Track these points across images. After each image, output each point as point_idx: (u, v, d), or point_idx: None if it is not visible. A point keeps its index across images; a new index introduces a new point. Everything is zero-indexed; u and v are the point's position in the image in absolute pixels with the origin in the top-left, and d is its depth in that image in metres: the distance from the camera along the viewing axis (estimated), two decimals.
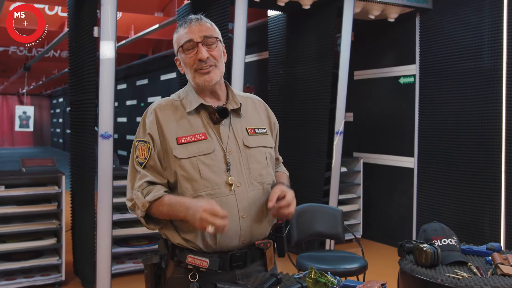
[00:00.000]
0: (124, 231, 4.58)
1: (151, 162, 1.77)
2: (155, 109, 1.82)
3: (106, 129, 3.88)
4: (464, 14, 4.86)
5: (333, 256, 3.24)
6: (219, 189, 1.74)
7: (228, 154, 1.78)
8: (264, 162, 1.86)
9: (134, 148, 1.82)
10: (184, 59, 1.80)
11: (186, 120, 1.80)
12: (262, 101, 2.02)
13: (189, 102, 1.82)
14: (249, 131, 1.86)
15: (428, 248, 1.93)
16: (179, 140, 1.76)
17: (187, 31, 1.79)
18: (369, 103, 6.00)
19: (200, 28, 1.79)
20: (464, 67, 4.86)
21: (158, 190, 1.74)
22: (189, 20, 1.82)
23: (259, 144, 1.86)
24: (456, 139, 4.95)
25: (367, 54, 5.86)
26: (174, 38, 1.85)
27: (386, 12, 5.18)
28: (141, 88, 9.97)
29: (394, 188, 5.71)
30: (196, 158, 1.74)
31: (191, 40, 1.77)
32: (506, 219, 4.52)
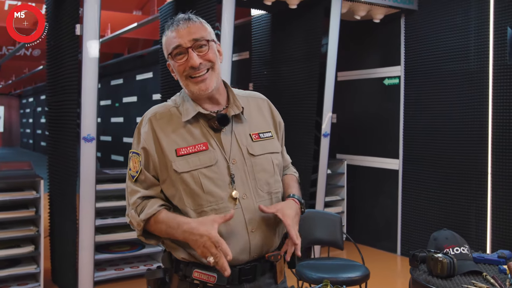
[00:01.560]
0: (106, 237, 4.41)
1: (141, 176, 1.64)
2: (151, 118, 1.66)
3: (89, 131, 3.72)
4: (450, 15, 4.85)
5: (334, 265, 3.15)
6: (224, 203, 1.60)
7: (232, 164, 1.64)
8: (271, 170, 1.72)
9: (128, 160, 1.69)
10: (174, 66, 1.65)
11: (184, 130, 1.65)
12: (266, 99, 1.87)
13: (186, 110, 1.67)
14: (253, 136, 1.72)
15: (444, 258, 1.85)
16: (178, 152, 1.61)
17: (175, 35, 1.63)
18: (353, 104, 5.96)
19: (188, 31, 1.63)
20: (450, 69, 4.85)
21: (151, 206, 1.61)
22: (176, 22, 1.65)
23: (265, 150, 1.72)
24: (441, 140, 4.94)
25: (351, 55, 5.81)
26: (163, 41, 1.70)
27: (371, 13, 5.14)
28: (115, 88, 9.73)
29: (378, 190, 5.67)
30: (198, 171, 1.59)
31: (179, 45, 1.62)
32: (492, 221, 4.52)
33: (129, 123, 9.01)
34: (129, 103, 9.09)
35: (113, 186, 4.43)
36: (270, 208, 1.62)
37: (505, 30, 4.39)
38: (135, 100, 8.89)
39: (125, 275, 4.46)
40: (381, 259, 5.28)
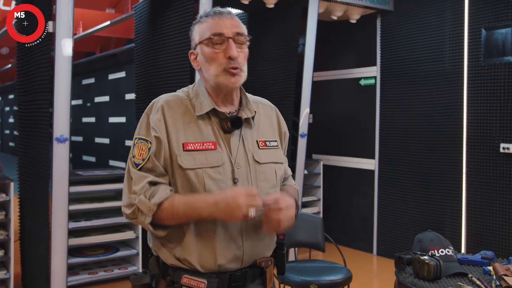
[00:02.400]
0: (79, 240, 4.29)
1: (149, 164, 1.55)
2: (163, 105, 1.59)
3: (62, 132, 3.60)
4: (425, 16, 4.89)
5: (315, 267, 3.12)
6: None
7: (236, 168, 1.59)
8: (274, 180, 1.68)
9: (132, 146, 1.59)
10: (209, 53, 1.58)
11: (195, 124, 1.59)
12: (274, 107, 1.83)
13: (200, 104, 1.61)
14: (259, 143, 1.67)
15: (430, 260, 1.84)
16: (185, 146, 1.55)
17: (217, 22, 1.57)
18: (328, 104, 5.95)
19: (232, 23, 1.59)
20: (426, 70, 4.89)
21: (163, 190, 1.53)
22: (219, 12, 1.60)
23: (270, 159, 1.68)
24: (417, 141, 4.98)
25: (327, 55, 5.81)
26: (194, 29, 1.64)
27: (348, 13, 5.14)
28: (87, 88, 9.53)
29: (354, 190, 5.69)
30: (203, 170, 1.54)
31: (221, 33, 1.56)
32: (467, 220, 4.57)
33: (101, 123, 8.83)
34: (101, 102, 8.91)
35: (86, 188, 4.32)
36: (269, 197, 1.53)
37: (480, 32, 4.44)
38: (107, 100, 8.72)
39: (99, 279, 4.35)
40: (359, 259, 5.28)
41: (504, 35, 4.29)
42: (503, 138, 4.28)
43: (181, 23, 4.21)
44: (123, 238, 4.49)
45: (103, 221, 4.38)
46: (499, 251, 4.25)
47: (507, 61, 4.26)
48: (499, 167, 4.31)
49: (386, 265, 5.15)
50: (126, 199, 1.58)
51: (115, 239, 4.45)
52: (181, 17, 4.21)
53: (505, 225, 4.27)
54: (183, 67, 4.20)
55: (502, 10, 4.29)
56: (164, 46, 4.45)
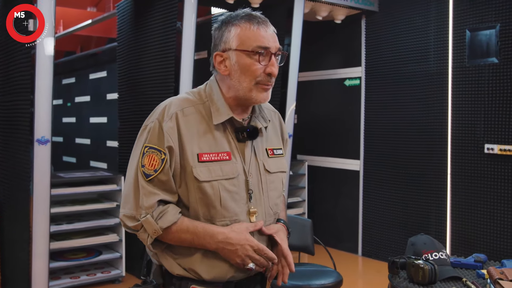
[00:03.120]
0: (61, 243, 4.19)
1: (162, 177, 1.48)
2: (177, 113, 1.50)
3: (43, 133, 3.52)
4: (410, 17, 4.89)
5: (305, 271, 3.08)
6: (237, 219, 1.51)
7: (250, 178, 1.54)
8: (280, 189, 1.65)
9: (141, 155, 1.50)
10: (248, 64, 1.49)
11: (209, 133, 1.52)
12: (277, 112, 1.77)
13: (217, 111, 1.53)
14: (269, 152, 1.62)
15: (425, 264, 1.81)
16: (200, 157, 1.48)
17: (264, 35, 1.49)
18: (313, 105, 5.93)
19: (275, 37, 1.52)
20: (410, 70, 4.90)
21: (172, 213, 1.48)
22: (263, 20, 1.51)
23: (278, 168, 1.64)
24: (402, 141, 4.98)
25: (311, 56, 5.78)
26: (229, 30, 1.51)
27: (333, 13, 5.13)
28: (67, 87, 9.37)
29: (339, 191, 5.67)
30: (218, 183, 1.48)
31: (268, 48, 1.48)
32: (452, 221, 4.58)
33: (81, 123, 8.69)
34: (82, 102, 8.77)
35: (68, 190, 4.22)
36: (269, 229, 1.56)
37: (464, 33, 4.46)
38: (88, 100, 8.59)
39: (81, 283, 4.26)
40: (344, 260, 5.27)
41: (488, 36, 4.31)
42: (488, 138, 4.30)
43: (165, 22, 4.15)
44: (106, 241, 4.41)
45: (85, 224, 4.29)
46: (483, 251, 4.27)
47: (491, 62, 4.28)
48: (484, 167, 4.33)
49: (371, 266, 5.15)
50: (129, 210, 1.50)
51: (98, 242, 4.37)
52: (165, 16, 4.14)
53: (489, 225, 4.29)
54: (168, 66, 4.13)
55: (486, 12, 4.31)
56: (148, 45, 4.38)
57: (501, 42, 4.21)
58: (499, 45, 4.23)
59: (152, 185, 1.47)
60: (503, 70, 4.20)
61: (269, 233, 1.55)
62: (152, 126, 1.51)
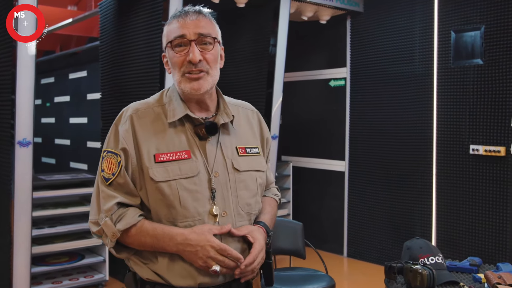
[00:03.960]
0: (42, 248, 4.08)
1: (120, 180, 1.46)
2: (132, 115, 1.51)
3: (24, 135, 3.42)
4: (395, 18, 4.89)
5: (297, 275, 3.04)
6: (201, 220, 1.46)
7: (214, 177, 1.49)
8: (254, 189, 1.59)
9: (101, 159, 1.50)
10: (172, 57, 1.51)
11: (167, 133, 1.50)
12: (256, 111, 1.74)
13: (172, 111, 1.52)
14: (239, 150, 1.58)
15: (424, 269, 1.78)
16: (157, 158, 1.46)
17: (180, 25, 1.49)
18: (298, 105, 5.91)
19: (196, 23, 1.49)
20: (395, 71, 4.90)
21: (131, 216, 1.45)
22: (184, 12, 1.51)
23: (250, 167, 1.59)
24: (387, 142, 4.98)
25: (296, 56, 5.75)
26: (164, 30, 1.55)
27: (318, 14, 5.11)
28: (46, 87, 9.20)
29: (324, 192, 5.65)
30: (176, 182, 1.45)
31: (183, 35, 1.48)
32: (437, 222, 4.59)
33: (61, 124, 8.54)
34: (62, 102, 8.62)
35: (50, 193, 4.12)
36: (241, 231, 1.50)
37: (449, 34, 4.48)
38: (67, 100, 8.44)
39: None
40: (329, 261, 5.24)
41: (473, 37, 4.33)
42: (473, 139, 4.32)
43: (149, 21, 4.07)
44: (89, 245, 4.31)
45: (68, 228, 4.20)
46: (468, 252, 4.30)
47: (476, 63, 4.30)
48: (469, 168, 4.35)
49: (357, 267, 5.15)
50: (92, 216, 1.50)
51: (80, 246, 4.28)
52: (150, 15, 4.07)
53: (474, 226, 4.31)
54: (152, 66, 4.06)
55: (471, 13, 4.33)
56: (132, 45, 4.29)
57: (486, 43, 4.23)
58: (484, 46, 4.25)
59: (112, 189, 1.46)
60: (488, 72, 4.22)
61: (239, 234, 1.48)
62: (110, 130, 1.53)
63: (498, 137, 4.16)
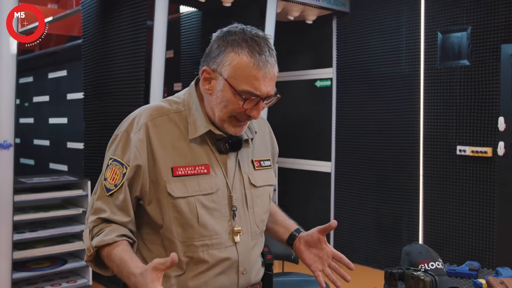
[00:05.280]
0: (24, 253, 3.96)
1: (120, 195, 1.36)
2: (147, 123, 1.38)
3: (5, 137, 3.34)
4: (382, 19, 4.88)
5: (292, 281, 2.98)
6: (219, 239, 1.38)
7: (233, 194, 1.41)
8: (267, 204, 1.53)
9: (105, 167, 1.39)
10: (230, 100, 1.33)
11: (185, 144, 1.39)
12: (265, 120, 1.65)
13: (194, 123, 1.39)
14: (255, 164, 1.50)
15: (426, 276, 1.74)
16: (175, 171, 1.35)
17: (260, 78, 1.30)
18: (283, 106, 5.83)
19: (273, 79, 1.34)
20: (382, 72, 4.88)
21: (108, 234, 1.32)
22: (265, 57, 1.31)
23: (265, 182, 1.52)
24: (374, 143, 4.97)
25: (282, 57, 5.64)
26: (226, 52, 1.33)
27: (304, 13, 5.07)
28: (24, 87, 9.01)
29: (310, 193, 5.62)
30: (195, 199, 1.35)
31: (258, 96, 1.32)
32: (424, 223, 4.59)
33: (40, 124, 8.38)
34: (41, 102, 8.45)
35: (31, 196, 4.00)
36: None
37: (436, 35, 4.48)
38: (47, 100, 8.28)
39: None
40: None
41: (460, 38, 4.33)
42: (460, 140, 4.32)
43: (134, 19, 3.98)
44: (72, 249, 4.19)
45: (50, 232, 4.07)
46: (455, 253, 4.30)
47: (463, 64, 4.30)
48: (456, 169, 4.35)
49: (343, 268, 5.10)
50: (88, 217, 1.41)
51: (63, 251, 4.16)
52: (135, 13, 3.97)
53: (461, 227, 4.31)
54: (137, 66, 3.97)
55: (458, 14, 4.33)
56: (116, 44, 4.20)
57: (473, 44, 4.24)
58: (470, 47, 4.25)
59: (107, 200, 1.36)
60: (474, 72, 4.23)
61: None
62: (119, 136, 1.40)
63: (485, 138, 4.17)
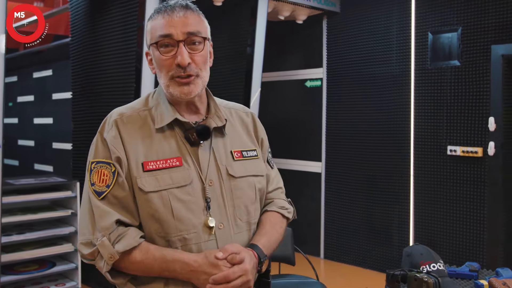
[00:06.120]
0: (11, 256, 3.87)
1: (117, 192, 1.32)
2: (116, 120, 1.38)
3: None
4: (372, 19, 4.88)
5: (289, 283, 2.95)
6: (196, 232, 1.35)
7: (208, 186, 1.38)
8: (253, 195, 1.48)
9: (89, 172, 1.36)
10: (158, 59, 1.38)
11: (155, 139, 1.38)
12: (250, 112, 1.63)
13: (160, 115, 1.40)
14: (234, 154, 1.47)
15: (429, 278, 1.73)
16: (145, 166, 1.34)
17: (166, 22, 1.35)
18: (273, 106, 5.83)
19: (184, 21, 1.36)
20: (372, 72, 4.88)
21: (132, 236, 1.31)
22: (171, 8, 1.37)
23: (248, 172, 1.48)
24: (364, 143, 4.96)
25: (272, 56, 5.66)
26: (147, 26, 1.42)
27: (295, 13, 5.05)
28: (9, 86, 8.86)
29: (301, 194, 5.60)
30: (168, 192, 1.33)
31: (170, 35, 1.35)
32: (415, 223, 4.60)
33: (24, 124, 8.26)
34: (25, 102, 8.33)
35: (19, 198, 3.91)
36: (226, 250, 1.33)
37: (426, 35, 4.49)
38: (31, 100, 8.16)
39: None
40: (306, 263, 5.20)
41: (450, 39, 4.35)
42: (450, 140, 4.34)
43: (125, 18, 3.92)
44: (60, 252, 4.12)
45: (38, 234, 3.99)
46: (446, 253, 4.31)
47: (453, 65, 4.32)
48: (446, 169, 4.37)
49: (334, 269, 5.12)
50: (85, 236, 1.34)
51: (51, 253, 4.08)
52: (125, 11, 3.92)
53: (451, 227, 4.33)
54: (128, 65, 3.91)
55: (448, 15, 4.34)
56: (106, 43, 4.13)
57: (463, 45, 4.25)
58: (461, 48, 4.27)
59: (107, 204, 1.33)
60: (465, 73, 4.24)
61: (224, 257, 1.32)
62: (95, 140, 1.40)
63: (476, 138, 4.19)
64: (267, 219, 1.55)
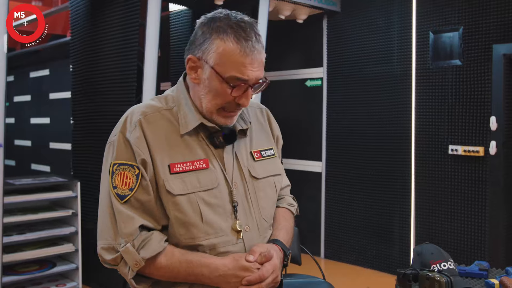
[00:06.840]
0: (11, 256, 3.84)
1: (141, 196, 1.29)
2: (141, 120, 1.33)
3: None
4: (373, 18, 4.87)
5: (295, 283, 2.94)
6: (225, 236, 1.33)
7: (234, 189, 1.36)
8: (274, 195, 1.48)
9: (110, 175, 1.30)
10: (217, 89, 1.31)
11: (180, 140, 1.34)
12: (265, 108, 1.63)
13: (184, 118, 1.36)
14: (255, 155, 1.46)
15: (441, 277, 1.72)
16: (172, 168, 1.30)
17: (247, 64, 1.28)
18: (274, 106, 5.74)
19: (261, 63, 1.31)
20: (373, 71, 4.88)
21: (156, 242, 1.28)
22: (252, 43, 1.30)
23: (268, 172, 1.47)
24: (365, 143, 4.96)
25: (272, 56, 5.63)
26: (211, 39, 1.33)
27: (295, 13, 5.04)
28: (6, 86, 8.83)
29: (301, 193, 5.55)
30: (196, 195, 1.30)
31: (246, 81, 1.29)
32: (416, 222, 4.59)
33: (21, 124, 8.21)
34: (22, 102, 8.28)
35: (20, 198, 3.88)
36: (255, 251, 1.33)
37: (427, 35, 4.49)
38: (28, 99, 8.11)
39: None
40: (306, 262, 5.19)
41: (452, 38, 4.35)
42: (452, 140, 4.34)
43: (126, 17, 3.90)
44: (60, 252, 4.09)
45: (38, 234, 3.96)
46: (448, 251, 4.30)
47: (455, 64, 4.32)
48: (448, 169, 4.37)
49: (335, 268, 5.10)
50: (106, 241, 1.31)
51: (52, 254, 4.05)
52: (126, 10, 3.89)
53: (453, 226, 4.33)
54: (129, 64, 3.89)
55: (450, 14, 4.34)
56: (107, 42, 4.11)
57: (465, 44, 4.25)
58: (462, 47, 4.27)
59: (130, 208, 1.29)
60: (466, 72, 4.25)
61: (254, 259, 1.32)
62: (116, 140, 1.34)
63: (477, 138, 4.19)
64: (281, 215, 1.55)
